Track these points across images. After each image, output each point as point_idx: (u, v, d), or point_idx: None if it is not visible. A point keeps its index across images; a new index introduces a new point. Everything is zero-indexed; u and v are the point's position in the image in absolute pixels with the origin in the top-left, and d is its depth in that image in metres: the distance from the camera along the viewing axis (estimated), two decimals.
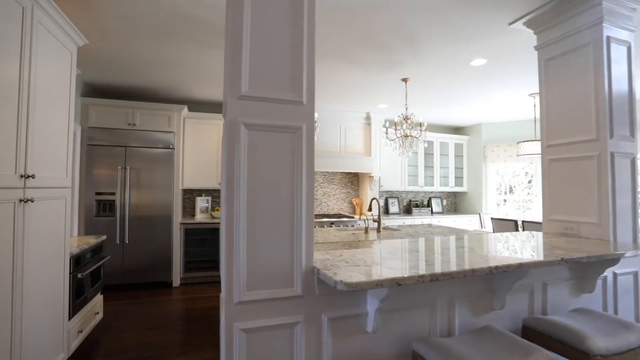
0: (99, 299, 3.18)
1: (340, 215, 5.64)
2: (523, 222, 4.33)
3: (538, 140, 4.54)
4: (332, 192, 6.11)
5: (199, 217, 5.12)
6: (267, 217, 1.38)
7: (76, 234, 4.09)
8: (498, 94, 4.65)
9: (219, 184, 5.11)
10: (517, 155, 4.82)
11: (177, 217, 4.64)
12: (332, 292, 1.45)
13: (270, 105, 1.39)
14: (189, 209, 5.34)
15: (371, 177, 5.90)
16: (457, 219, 6.48)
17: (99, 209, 4.32)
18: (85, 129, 4.30)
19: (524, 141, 4.72)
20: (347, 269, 1.34)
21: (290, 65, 1.43)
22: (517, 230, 4.37)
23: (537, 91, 4.48)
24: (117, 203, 4.37)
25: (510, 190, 6.61)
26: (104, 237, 3.22)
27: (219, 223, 4.84)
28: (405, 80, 4.14)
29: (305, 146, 1.42)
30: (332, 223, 5.22)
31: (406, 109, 4.26)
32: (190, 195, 5.35)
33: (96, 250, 3.04)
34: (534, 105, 4.96)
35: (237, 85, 1.35)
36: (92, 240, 2.94)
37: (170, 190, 4.59)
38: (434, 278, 1.29)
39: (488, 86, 4.36)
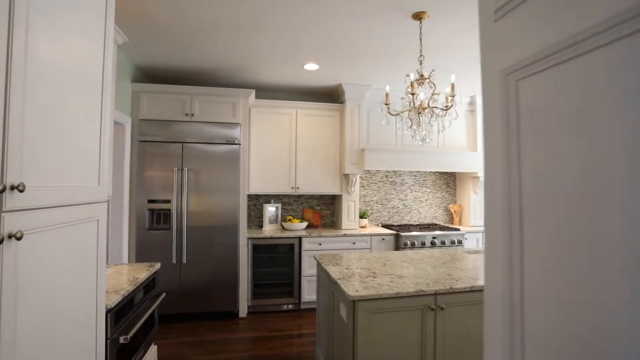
0: (152, 352, 2.28)
1: (433, 226, 4.42)
2: None
3: None
4: (424, 196, 4.90)
5: (268, 228, 4.17)
6: None
7: (125, 258, 3.26)
8: None
9: (293, 187, 4.12)
10: None
11: (244, 230, 3.70)
12: None
13: None
14: (254, 218, 4.40)
15: (475, 177, 4.61)
16: None
17: (152, 220, 3.50)
18: (136, 122, 3.50)
19: None
20: None
21: None
22: None
23: None
24: (173, 212, 3.51)
25: None
26: (158, 265, 2.31)
27: (293, 237, 3.84)
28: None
29: None
30: (434, 240, 4.03)
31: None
32: (255, 201, 4.42)
33: (148, 287, 2.14)
34: None
35: None
36: (142, 274, 2.03)
37: (236, 196, 3.66)
38: None
39: None
